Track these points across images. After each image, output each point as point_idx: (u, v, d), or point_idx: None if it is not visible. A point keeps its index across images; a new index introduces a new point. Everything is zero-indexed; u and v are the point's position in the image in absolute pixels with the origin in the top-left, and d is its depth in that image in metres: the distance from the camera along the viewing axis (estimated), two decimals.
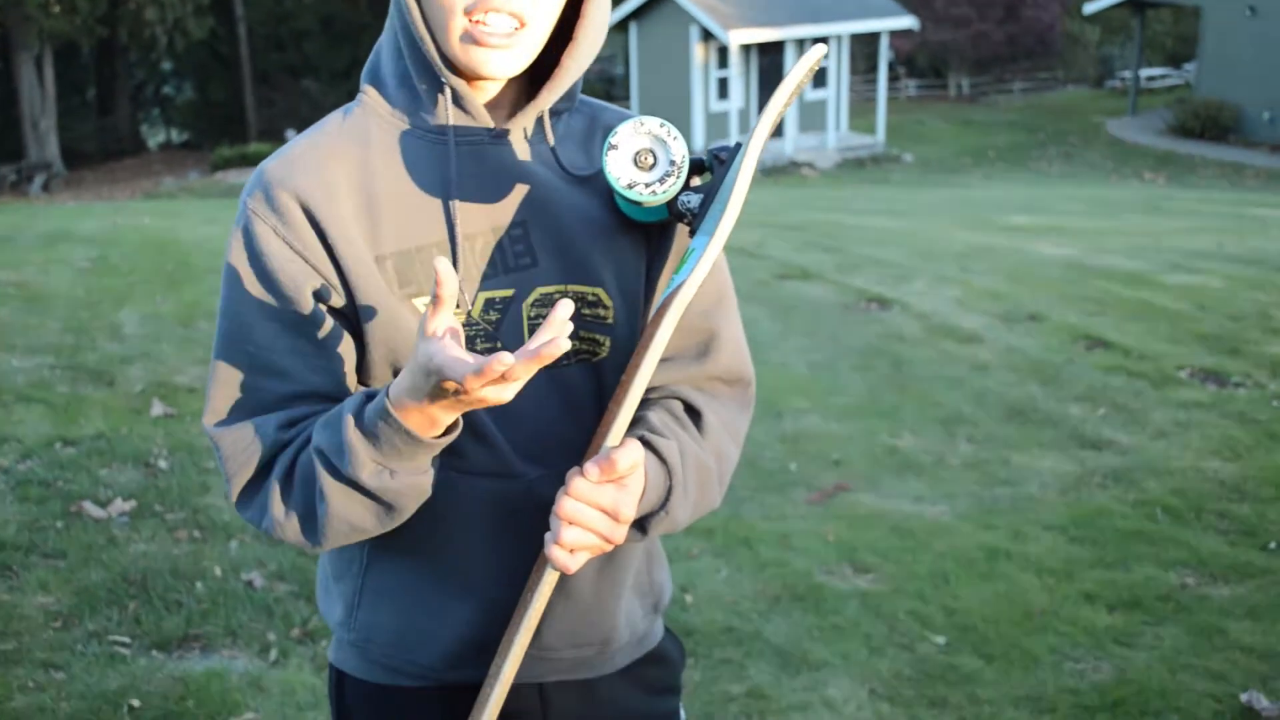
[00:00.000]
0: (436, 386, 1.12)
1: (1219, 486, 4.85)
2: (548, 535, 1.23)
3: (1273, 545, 4.26)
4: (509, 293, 1.36)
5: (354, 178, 1.34)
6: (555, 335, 1.07)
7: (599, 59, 33.85)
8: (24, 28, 33.21)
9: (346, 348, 1.35)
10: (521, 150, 1.37)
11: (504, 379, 1.08)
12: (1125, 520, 4.53)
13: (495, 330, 1.36)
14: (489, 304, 1.36)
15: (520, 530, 1.38)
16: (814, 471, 5.20)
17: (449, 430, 1.22)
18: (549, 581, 1.26)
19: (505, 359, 1.05)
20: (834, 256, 10.05)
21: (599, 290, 1.39)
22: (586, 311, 1.39)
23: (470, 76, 1.33)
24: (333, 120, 1.40)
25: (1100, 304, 7.84)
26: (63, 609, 3.65)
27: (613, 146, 1.31)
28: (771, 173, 25.26)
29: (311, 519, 1.29)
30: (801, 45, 27.01)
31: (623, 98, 31.86)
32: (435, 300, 1.11)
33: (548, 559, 1.23)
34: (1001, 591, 3.96)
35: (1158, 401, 5.91)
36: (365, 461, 1.21)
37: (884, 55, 27.90)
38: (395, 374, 1.35)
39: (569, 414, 1.40)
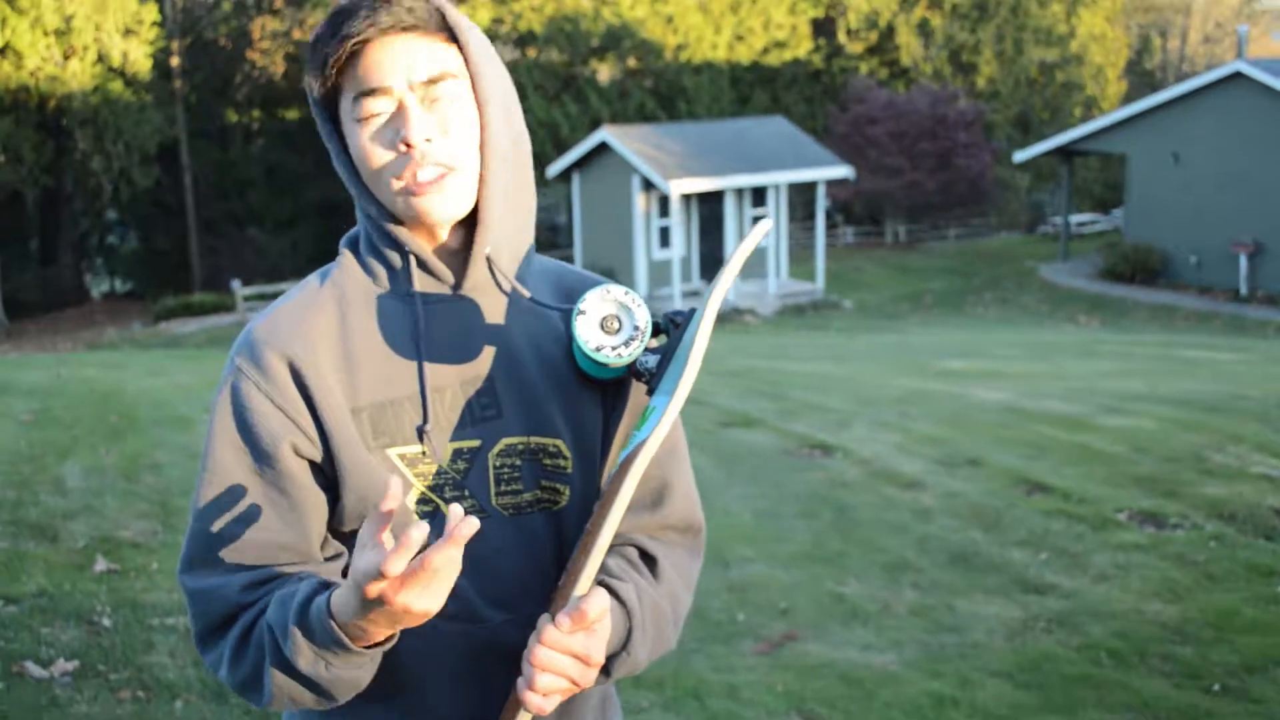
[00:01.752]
0: (365, 598, 1.19)
1: (1161, 629, 4.91)
2: (520, 680, 1.30)
3: (1216, 687, 4.31)
4: (476, 443, 1.45)
5: (333, 335, 1.43)
6: (451, 530, 1.15)
7: (542, 209, 34.28)
8: None
9: (318, 501, 1.43)
10: (485, 305, 1.48)
11: (423, 572, 1.16)
12: (1071, 665, 4.58)
13: (463, 479, 1.45)
14: (457, 454, 1.44)
15: (485, 673, 1.45)
16: (762, 621, 5.22)
17: (385, 640, 1.30)
18: None
19: (393, 563, 1.13)
20: (776, 403, 10.17)
21: (559, 442, 1.49)
22: (547, 462, 1.48)
23: (421, 225, 1.44)
24: (312, 283, 1.50)
25: (1039, 448, 7.97)
26: None
27: (581, 312, 1.41)
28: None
29: (257, 684, 1.37)
30: (740, 194, 27.59)
31: (566, 246, 32.25)
32: (378, 514, 1.18)
33: (521, 703, 1.30)
34: None
35: (1098, 545, 6.00)
36: (304, 650, 1.29)
37: (821, 203, 28.49)
38: (361, 524, 1.41)
39: (531, 560, 1.48)
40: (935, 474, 7.45)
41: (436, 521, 1.42)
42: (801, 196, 33.01)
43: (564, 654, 1.28)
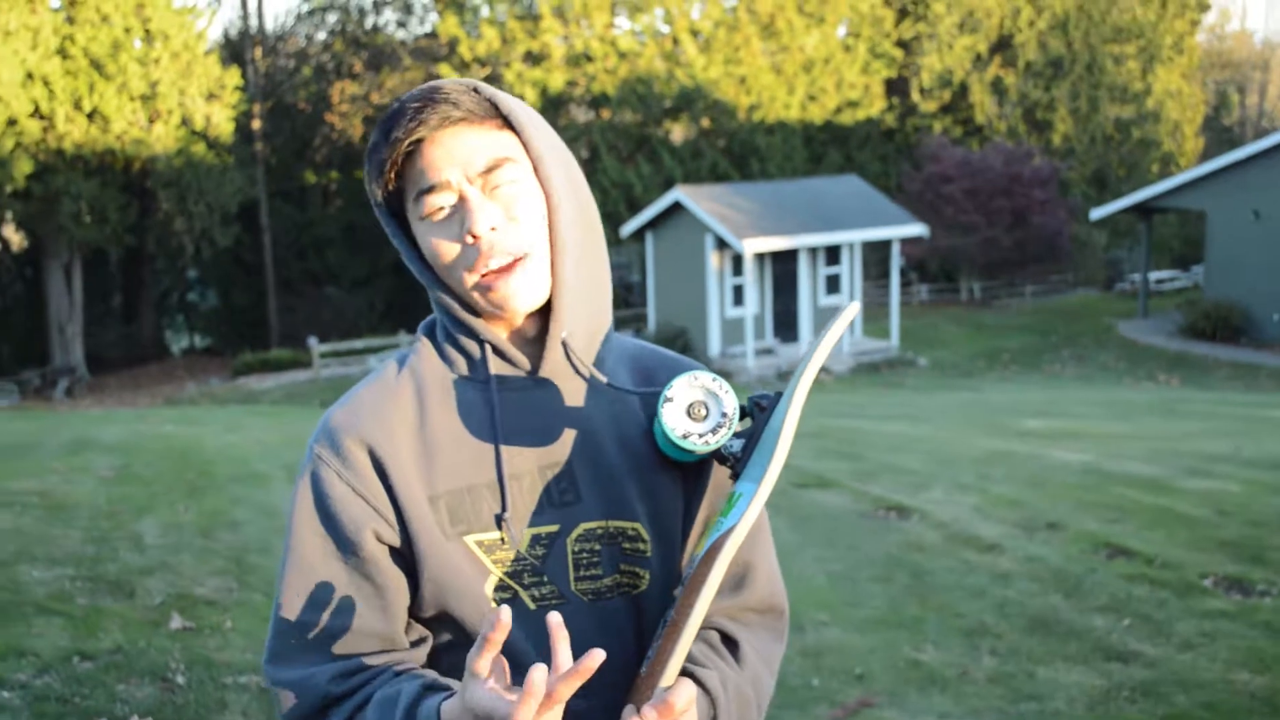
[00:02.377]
0: None
1: (1249, 699, 4.77)
2: None
3: None
4: (554, 528, 1.44)
5: (411, 422, 1.43)
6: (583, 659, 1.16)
7: (616, 267, 34.42)
8: (55, 237, 34.12)
9: (402, 586, 1.43)
10: (562, 389, 1.46)
11: (550, 701, 1.16)
12: None
13: (541, 565, 1.43)
14: (535, 539, 1.43)
15: None
16: (837, 686, 5.14)
17: None
18: None
19: (537, 682, 1.14)
20: (852, 464, 10.08)
21: (638, 525, 1.47)
22: (627, 545, 1.47)
23: (498, 315, 1.43)
24: (390, 369, 1.50)
25: (1120, 510, 7.82)
26: None
27: (668, 399, 1.40)
28: (788, 377, 25.45)
29: None
30: (814, 253, 27.53)
31: (640, 305, 32.37)
32: (485, 642, 1.18)
33: None
34: None
35: (1182, 611, 5.85)
36: None
37: (895, 261, 28.38)
38: (440, 611, 1.42)
39: (612, 646, 1.45)
40: (1014, 537, 7.33)
41: (515, 610, 1.41)
42: (875, 254, 32.93)
43: None
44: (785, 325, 27.75)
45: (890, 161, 43.48)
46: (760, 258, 27.15)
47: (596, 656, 1.13)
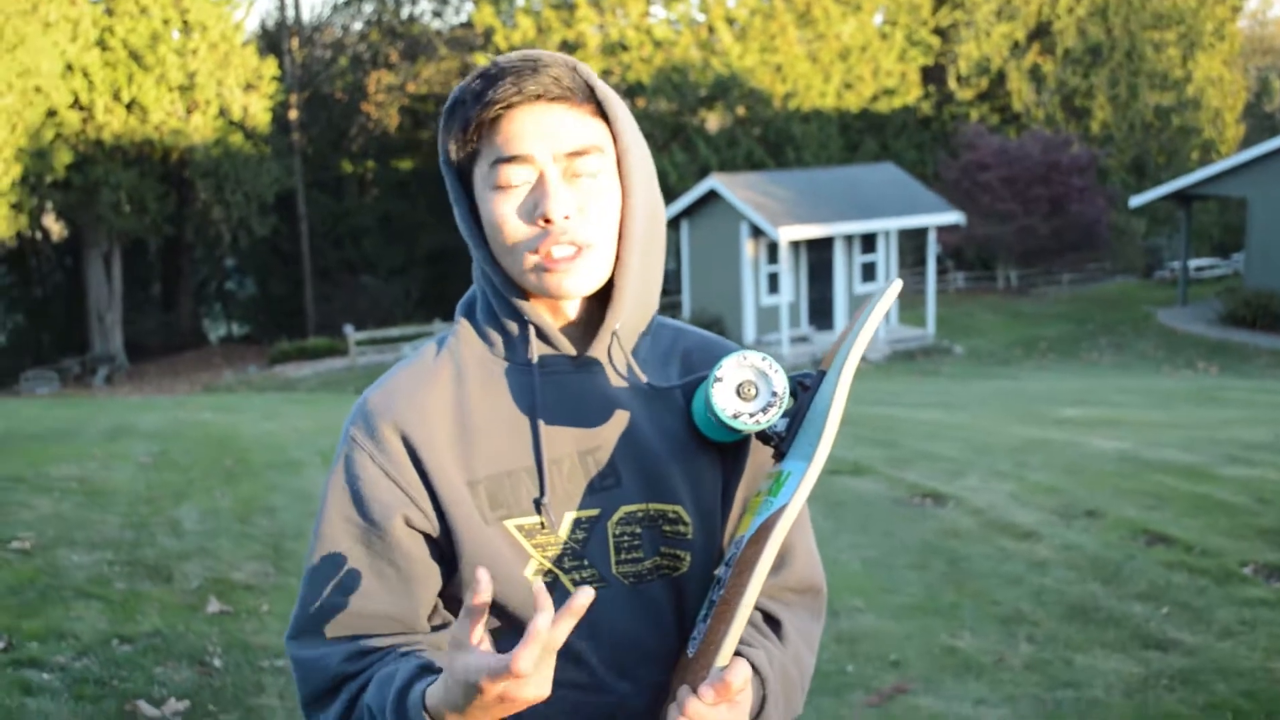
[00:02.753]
0: (465, 694, 1.17)
1: None
2: None
3: None
4: (595, 512, 1.42)
5: (449, 406, 1.42)
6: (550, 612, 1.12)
7: None
8: (95, 226, 34.44)
9: (428, 574, 1.42)
10: (603, 374, 1.44)
11: (546, 651, 1.13)
12: None
13: (582, 549, 1.42)
14: (576, 523, 1.42)
15: None
16: (872, 672, 5.12)
17: None
18: None
19: (524, 660, 1.10)
20: (886, 451, 10.04)
21: (679, 508, 1.45)
22: (667, 528, 1.45)
23: (546, 298, 1.41)
24: (429, 351, 1.48)
25: (1158, 498, 7.76)
26: None
27: (718, 379, 1.38)
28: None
29: None
30: (850, 241, 27.43)
31: (674, 292, 32.34)
32: (472, 611, 1.17)
33: None
34: None
35: (1222, 599, 5.80)
36: None
37: (932, 249, 28.24)
38: None
39: (653, 628, 1.45)
40: (1052, 524, 7.28)
41: (556, 594, 1.41)
42: (911, 242, 32.80)
43: None
44: (820, 313, 27.67)
45: (926, 149, 43.27)
46: (796, 245, 27.08)
47: (586, 594, 1.10)
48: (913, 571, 6.54)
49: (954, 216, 28.38)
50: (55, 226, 40.77)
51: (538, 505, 1.40)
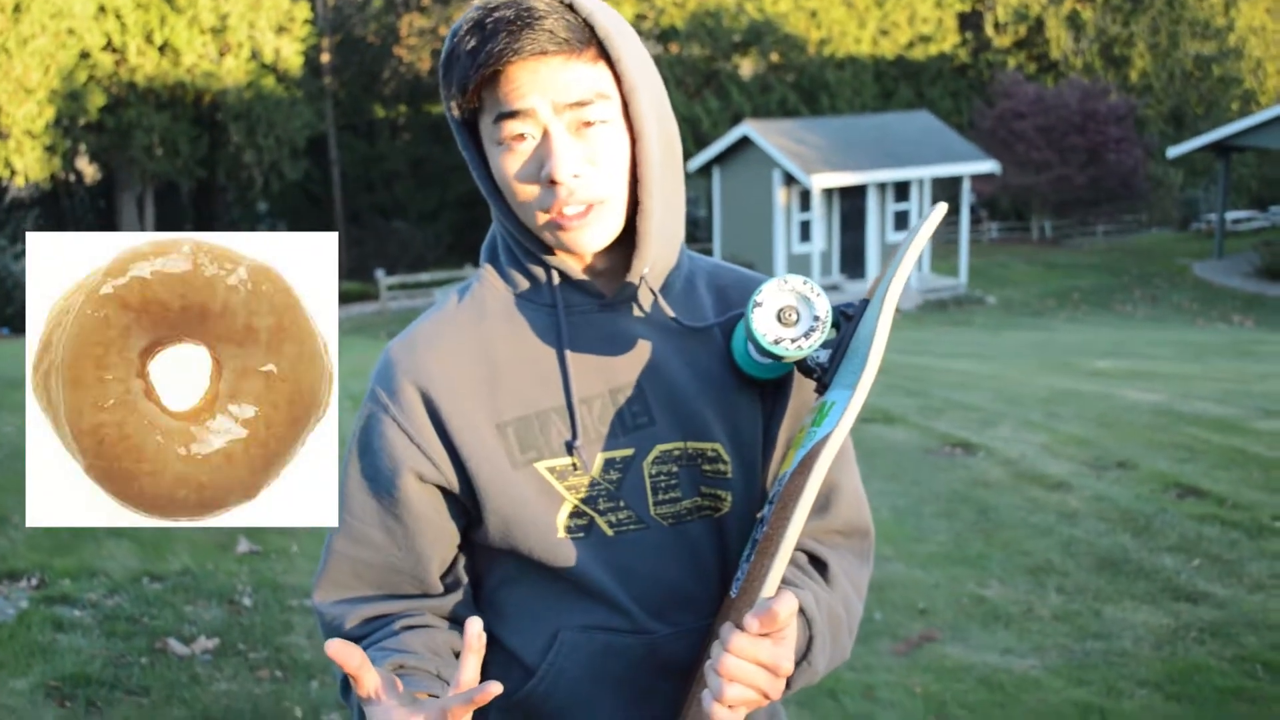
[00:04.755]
0: None
1: None
2: (706, 693, 1.22)
3: None
4: (629, 452, 1.40)
5: (472, 353, 1.40)
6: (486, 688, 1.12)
7: None
8: (128, 169, 34.54)
9: (439, 531, 1.43)
10: (631, 312, 1.42)
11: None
12: (1224, 678, 4.39)
13: (617, 489, 1.40)
14: (609, 464, 1.39)
15: (649, 686, 1.41)
16: (900, 620, 5.12)
17: None
18: None
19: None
20: (917, 400, 10.00)
21: (717, 446, 1.42)
22: (707, 468, 1.42)
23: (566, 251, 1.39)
24: (451, 300, 1.47)
25: (1191, 451, 7.70)
26: None
27: (758, 304, 1.33)
28: None
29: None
30: (883, 189, 27.24)
31: (705, 239, 32.22)
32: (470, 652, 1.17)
33: (708, 717, 1.22)
34: None
35: (1254, 552, 5.76)
36: None
37: (966, 198, 28.01)
38: (506, 545, 1.41)
39: (692, 570, 1.42)
40: (1083, 476, 7.24)
41: (591, 536, 1.39)
42: (945, 191, 32.50)
43: (753, 663, 1.20)
44: (853, 261, 27.52)
45: (962, 98, 42.84)
46: (828, 193, 26.91)
47: (494, 689, 1.11)
48: (942, 520, 6.52)
49: (989, 165, 28.13)
50: (89, 169, 40.85)
51: (569, 447, 1.38)
